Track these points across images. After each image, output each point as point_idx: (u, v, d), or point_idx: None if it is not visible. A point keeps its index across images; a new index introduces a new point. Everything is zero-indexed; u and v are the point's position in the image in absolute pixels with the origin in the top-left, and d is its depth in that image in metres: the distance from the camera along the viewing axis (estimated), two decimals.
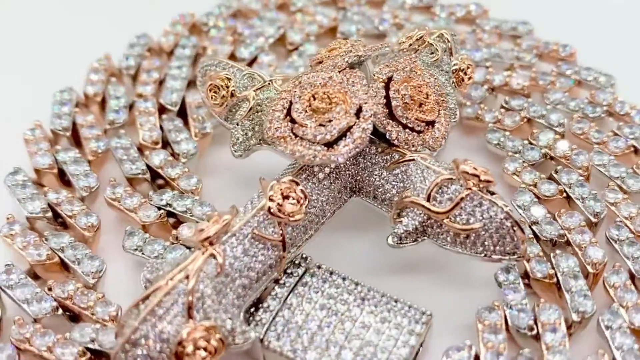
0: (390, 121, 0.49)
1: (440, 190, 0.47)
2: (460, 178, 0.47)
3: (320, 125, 0.47)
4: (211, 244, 0.44)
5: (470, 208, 0.47)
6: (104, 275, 0.50)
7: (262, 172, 0.56)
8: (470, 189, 0.46)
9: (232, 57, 0.65)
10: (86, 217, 0.52)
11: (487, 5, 0.68)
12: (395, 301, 0.47)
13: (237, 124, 0.53)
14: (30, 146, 0.57)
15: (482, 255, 0.47)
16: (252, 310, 0.46)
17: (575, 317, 0.47)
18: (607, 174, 0.55)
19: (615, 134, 0.57)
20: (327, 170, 0.49)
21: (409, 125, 0.49)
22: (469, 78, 0.55)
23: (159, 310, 0.42)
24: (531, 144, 0.57)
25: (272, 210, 0.46)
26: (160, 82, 0.63)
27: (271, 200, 0.46)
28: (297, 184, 0.46)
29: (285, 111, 0.48)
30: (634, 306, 0.47)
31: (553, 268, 0.49)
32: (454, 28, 0.65)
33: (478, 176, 0.46)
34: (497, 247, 0.47)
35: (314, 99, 0.48)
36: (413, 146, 0.49)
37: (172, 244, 0.51)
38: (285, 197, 0.46)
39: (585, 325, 0.47)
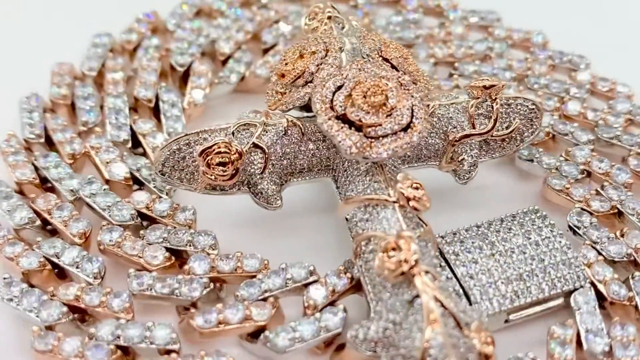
0: None
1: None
2: (484, 94, 0.52)
3: (388, 116, 0.47)
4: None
5: (505, 113, 0.53)
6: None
7: None
8: (496, 99, 0.53)
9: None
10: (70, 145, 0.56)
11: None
12: (512, 217, 0.51)
13: (261, 179, 0.50)
14: None
15: (520, 145, 0.55)
16: None
17: None
18: None
19: None
20: None
21: (414, 80, 0.52)
22: None
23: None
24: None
25: (416, 206, 0.46)
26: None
27: (414, 199, 0.46)
28: (408, 175, 0.47)
29: (345, 125, 0.47)
30: None
31: None
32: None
33: (494, 85, 0.52)
34: (529, 131, 0.54)
35: (366, 97, 0.47)
36: (426, 96, 0.53)
37: (313, 314, 0.47)
38: (415, 189, 0.47)
39: None
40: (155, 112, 0.61)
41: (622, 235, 0.51)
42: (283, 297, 0.48)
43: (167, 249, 0.50)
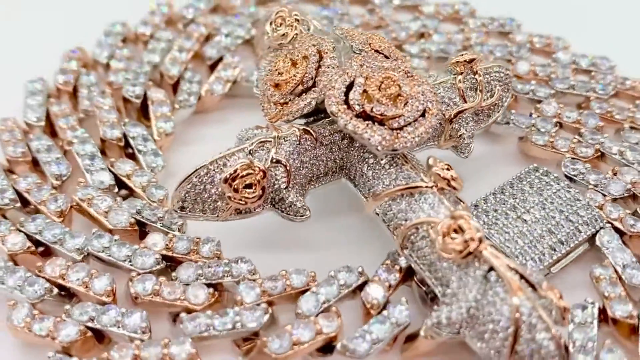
0: None
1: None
2: (466, 67, 0.54)
3: (405, 104, 0.48)
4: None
5: (487, 82, 0.55)
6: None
7: None
8: (477, 71, 0.55)
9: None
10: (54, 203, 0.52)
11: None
12: (519, 179, 0.54)
13: (287, 193, 0.49)
14: None
15: (501, 110, 0.57)
16: None
17: None
18: None
19: None
20: None
21: None
22: None
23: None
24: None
25: (455, 186, 0.47)
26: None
27: (452, 179, 0.47)
28: (436, 158, 0.48)
29: (370, 122, 0.47)
30: None
31: None
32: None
33: (474, 58, 0.54)
34: (505, 94, 0.57)
35: (381, 91, 0.48)
36: None
37: (379, 313, 0.47)
38: (448, 170, 0.48)
39: None
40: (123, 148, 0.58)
41: (615, 174, 0.55)
42: (339, 304, 0.48)
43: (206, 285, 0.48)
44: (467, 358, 0.47)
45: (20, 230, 0.51)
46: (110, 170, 0.55)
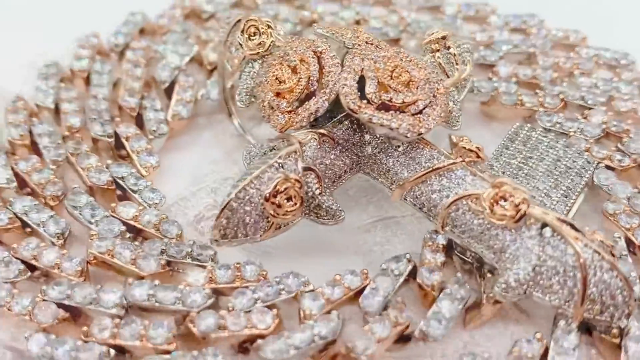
0: None
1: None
2: (441, 44, 0.56)
3: (417, 88, 0.49)
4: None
5: (460, 55, 0.57)
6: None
7: None
8: (450, 47, 0.56)
9: None
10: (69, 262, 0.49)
11: None
12: (511, 140, 0.56)
13: (322, 197, 0.49)
14: None
15: (470, 79, 0.60)
16: None
17: None
18: None
19: None
20: None
21: None
22: None
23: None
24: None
25: (482, 156, 0.49)
26: None
27: (478, 150, 0.49)
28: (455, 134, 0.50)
29: (391, 114, 0.48)
30: None
31: None
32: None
33: (446, 34, 0.56)
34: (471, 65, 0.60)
35: (393, 78, 0.49)
36: None
37: (441, 292, 0.48)
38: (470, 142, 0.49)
39: None
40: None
41: (585, 118, 0.59)
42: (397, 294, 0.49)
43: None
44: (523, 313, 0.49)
45: (45, 300, 0.47)
46: (112, 217, 0.52)
